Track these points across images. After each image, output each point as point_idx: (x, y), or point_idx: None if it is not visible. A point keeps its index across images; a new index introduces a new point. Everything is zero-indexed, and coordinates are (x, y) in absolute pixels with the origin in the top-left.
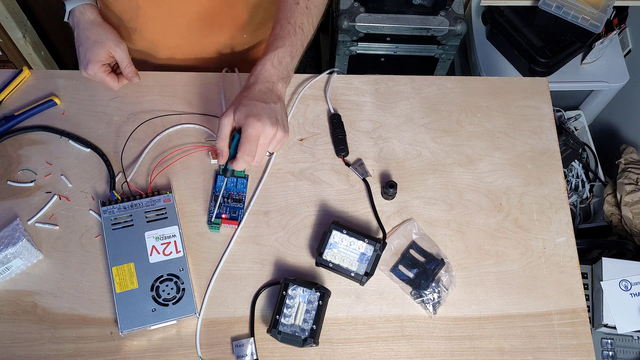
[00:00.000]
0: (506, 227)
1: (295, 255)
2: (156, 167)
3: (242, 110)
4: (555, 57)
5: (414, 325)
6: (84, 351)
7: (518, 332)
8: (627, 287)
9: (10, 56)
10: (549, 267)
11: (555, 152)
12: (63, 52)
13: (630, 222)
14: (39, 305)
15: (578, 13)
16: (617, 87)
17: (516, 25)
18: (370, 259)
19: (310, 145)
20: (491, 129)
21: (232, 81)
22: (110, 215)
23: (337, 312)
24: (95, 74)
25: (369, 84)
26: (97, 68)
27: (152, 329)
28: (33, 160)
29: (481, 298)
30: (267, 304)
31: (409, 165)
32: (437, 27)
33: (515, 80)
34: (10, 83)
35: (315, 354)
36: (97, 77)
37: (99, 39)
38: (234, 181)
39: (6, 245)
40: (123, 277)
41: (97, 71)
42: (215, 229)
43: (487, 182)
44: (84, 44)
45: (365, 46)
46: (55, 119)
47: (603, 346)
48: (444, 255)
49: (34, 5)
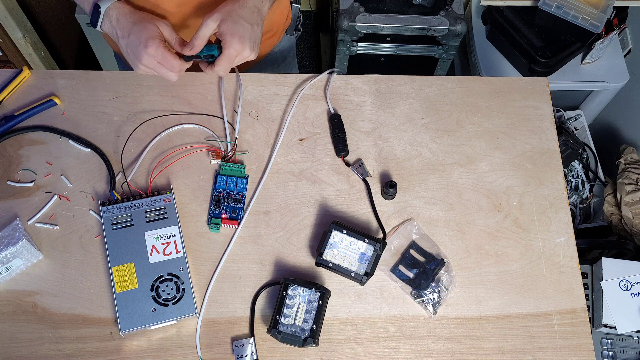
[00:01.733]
0: (506, 227)
1: (295, 255)
2: (156, 167)
3: (230, 26)
4: (555, 57)
5: (414, 325)
6: (84, 351)
7: (518, 332)
8: (627, 287)
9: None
10: (549, 267)
11: (555, 152)
12: (63, 52)
13: (630, 222)
14: (39, 305)
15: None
16: (617, 87)
17: (516, 25)
18: (370, 259)
19: (310, 145)
20: (491, 129)
21: (232, 81)
22: (110, 215)
23: (337, 312)
24: (156, 51)
25: (369, 84)
26: (158, 43)
27: (152, 329)
28: (33, 160)
29: (481, 298)
30: (267, 304)
31: (409, 165)
32: (437, 27)
33: (515, 80)
34: (10, 83)
35: (315, 354)
36: (159, 55)
37: (144, 19)
38: (234, 181)
39: (6, 245)
40: (123, 277)
41: (159, 47)
42: (215, 229)
43: (487, 182)
44: (133, 30)
45: (365, 46)
46: (55, 119)
47: (603, 346)
48: (444, 255)
49: (34, 5)
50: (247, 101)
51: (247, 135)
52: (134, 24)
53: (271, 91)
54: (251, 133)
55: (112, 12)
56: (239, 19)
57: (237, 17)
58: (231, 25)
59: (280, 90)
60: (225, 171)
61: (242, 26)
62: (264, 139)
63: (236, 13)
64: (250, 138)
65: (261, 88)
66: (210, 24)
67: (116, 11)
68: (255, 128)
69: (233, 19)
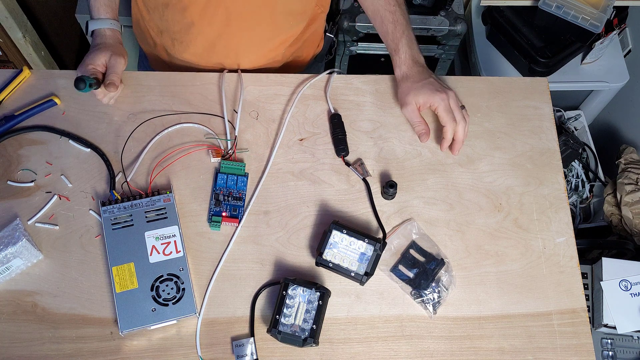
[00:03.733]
0: (506, 227)
1: (295, 255)
2: (156, 167)
3: (423, 93)
4: (555, 57)
5: (414, 325)
6: (84, 351)
7: (518, 332)
8: (627, 287)
9: (10, 56)
10: (549, 267)
11: (555, 152)
12: (63, 52)
13: (630, 222)
14: (39, 305)
15: (578, 13)
16: (617, 87)
17: (516, 25)
18: (370, 259)
19: (310, 145)
20: (491, 129)
21: (232, 81)
22: (110, 215)
23: (337, 312)
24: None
25: (369, 84)
26: (89, 69)
27: (152, 329)
28: (33, 160)
29: (481, 298)
30: (267, 304)
31: (409, 165)
32: (437, 27)
33: (515, 80)
34: (10, 83)
35: (315, 354)
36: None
37: (103, 47)
38: (234, 179)
39: (6, 245)
40: (123, 277)
41: (84, 73)
42: (215, 226)
43: (487, 182)
44: (92, 50)
45: (365, 46)
46: (55, 119)
47: (603, 346)
48: (444, 255)
49: (34, 5)
50: (247, 101)
51: (247, 135)
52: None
53: (271, 91)
54: (251, 133)
55: (107, 31)
56: (420, 85)
57: (418, 84)
58: (422, 92)
59: (280, 90)
60: (225, 169)
61: (428, 84)
62: (264, 139)
63: (415, 84)
64: (250, 138)
65: (261, 88)
66: (412, 110)
67: (100, 35)
68: (256, 128)
69: (416, 88)
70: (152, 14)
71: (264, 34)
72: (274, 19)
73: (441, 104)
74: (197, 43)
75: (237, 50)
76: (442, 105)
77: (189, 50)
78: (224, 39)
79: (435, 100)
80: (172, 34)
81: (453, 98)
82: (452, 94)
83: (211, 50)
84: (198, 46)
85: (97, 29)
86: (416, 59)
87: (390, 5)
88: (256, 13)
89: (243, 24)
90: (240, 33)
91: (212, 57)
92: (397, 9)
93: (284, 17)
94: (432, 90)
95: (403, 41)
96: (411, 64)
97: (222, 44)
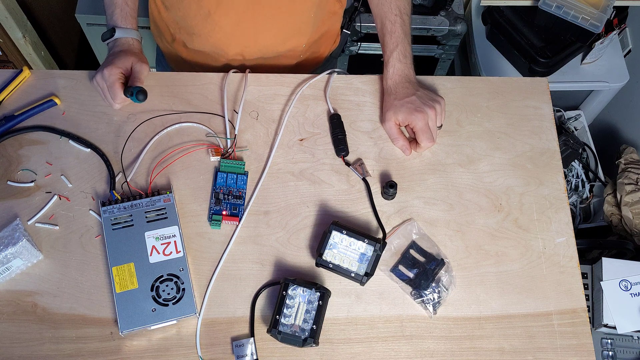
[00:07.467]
0: (506, 227)
1: (295, 255)
2: (156, 167)
3: (402, 111)
4: (555, 57)
5: (414, 325)
6: (84, 351)
7: (518, 332)
8: (627, 287)
9: (10, 56)
10: (549, 267)
11: (555, 152)
12: (63, 52)
13: (630, 222)
14: (39, 305)
15: (578, 13)
16: (617, 87)
17: (516, 25)
18: (370, 259)
19: (310, 145)
20: (491, 129)
21: (232, 81)
22: (110, 215)
23: (337, 312)
24: (109, 76)
25: (369, 84)
26: (116, 71)
27: (152, 329)
28: (33, 160)
29: (481, 298)
30: (267, 304)
31: (409, 165)
32: (437, 27)
33: (515, 80)
34: (10, 83)
35: (315, 354)
36: (110, 80)
37: (129, 52)
38: (234, 178)
39: (6, 245)
40: (123, 277)
41: (113, 73)
42: (216, 225)
43: (487, 182)
44: (114, 53)
45: (365, 46)
46: (55, 119)
47: (603, 346)
48: (444, 255)
49: (34, 5)
50: (247, 101)
51: (247, 135)
52: (118, 52)
53: (271, 91)
54: (251, 133)
55: (121, 41)
56: (402, 103)
57: (399, 102)
58: (402, 110)
59: (280, 90)
60: (225, 168)
61: (410, 103)
62: (264, 139)
63: (397, 101)
64: (250, 138)
65: (261, 88)
66: (391, 126)
67: (124, 43)
68: (255, 128)
69: (397, 106)
70: (169, 10)
71: (283, 19)
72: (292, 2)
73: (418, 124)
74: (214, 34)
75: (256, 38)
76: (419, 125)
77: (209, 41)
78: (241, 27)
79: (412, 120)
80: (190, 28)
81: (432, 119)
82: (432, 113)
83: (230, 40)
84: (216, 37)
85: (123, 37)
86: (405, 74)
87: (392, 14)
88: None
89: (261, 11)
90: (258, 20)
91: (231, 47)
92: (397, 19)
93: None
94: (411, 109)
95: (394, 55)
96: (397, 80)
97: (239, 33)
